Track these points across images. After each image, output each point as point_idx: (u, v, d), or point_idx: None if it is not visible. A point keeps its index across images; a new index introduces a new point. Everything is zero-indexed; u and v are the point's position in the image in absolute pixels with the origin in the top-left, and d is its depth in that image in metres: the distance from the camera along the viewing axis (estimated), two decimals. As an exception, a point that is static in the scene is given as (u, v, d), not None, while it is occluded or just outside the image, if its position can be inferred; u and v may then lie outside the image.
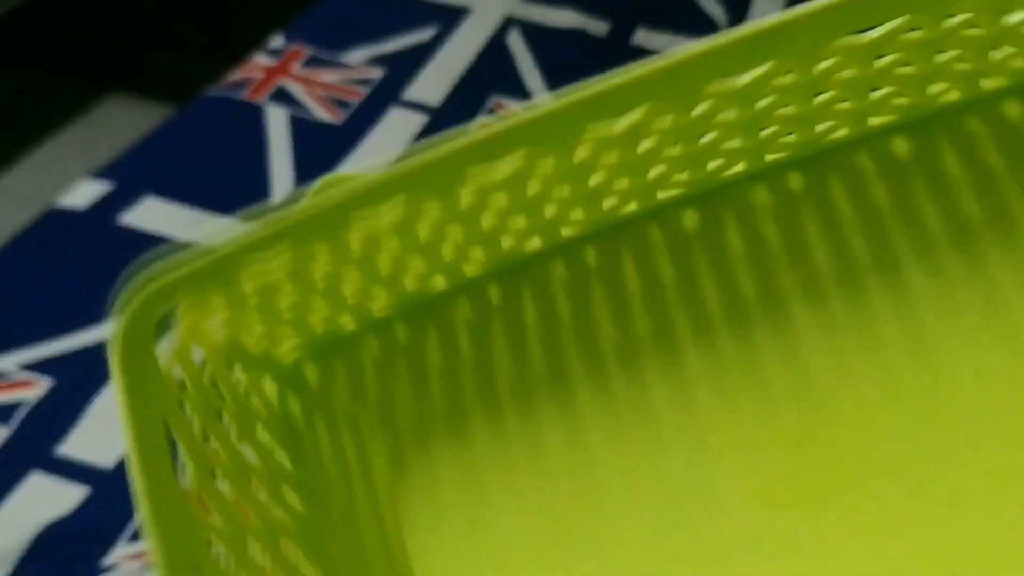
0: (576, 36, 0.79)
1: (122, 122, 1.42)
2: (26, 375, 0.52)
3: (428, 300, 0.36)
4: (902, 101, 0.33)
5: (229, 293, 0.31)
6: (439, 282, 0.36)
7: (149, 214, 0.62)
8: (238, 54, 0.86)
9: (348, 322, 0.36)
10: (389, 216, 0.31)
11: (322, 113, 0.73)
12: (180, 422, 0.28)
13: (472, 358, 0.35)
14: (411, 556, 0.32)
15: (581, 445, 0.33)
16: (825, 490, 0.30)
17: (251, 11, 1.34)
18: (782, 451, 0.31)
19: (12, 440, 0.49)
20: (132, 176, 0.65)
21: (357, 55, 0.79)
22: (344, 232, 0.31)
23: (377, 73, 0.77)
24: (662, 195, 0.35)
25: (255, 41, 0.82)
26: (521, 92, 0.73)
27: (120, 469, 0.48)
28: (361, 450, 0.34)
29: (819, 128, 0.33)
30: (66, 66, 1.49)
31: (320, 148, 0.69)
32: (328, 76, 0.77)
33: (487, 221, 0.33)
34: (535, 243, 0.35)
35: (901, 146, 0.33)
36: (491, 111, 0.71)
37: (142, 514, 0.25)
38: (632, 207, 0.35)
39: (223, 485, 0.29)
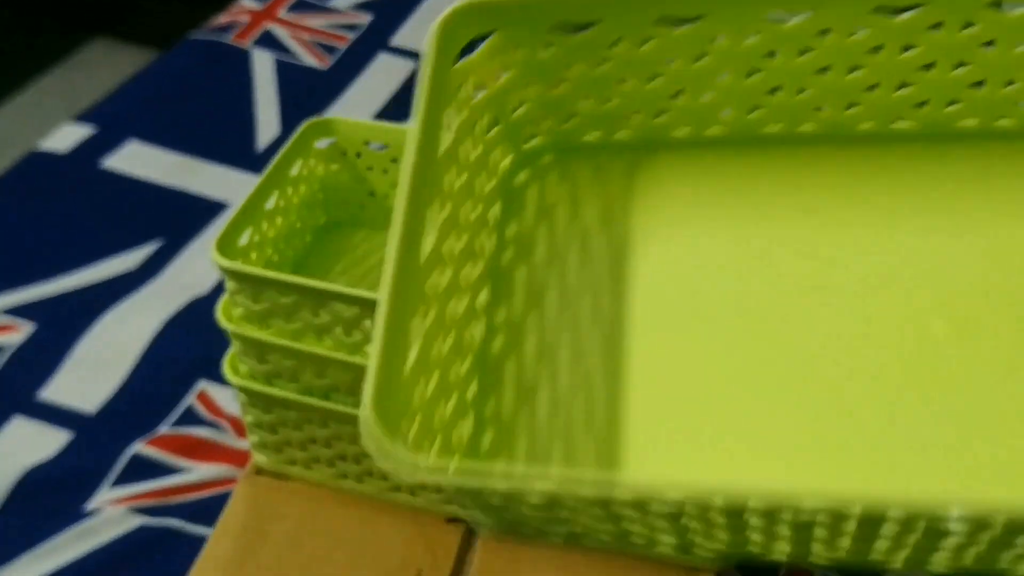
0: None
1: (105, 65, 1.41)
2: (7, 319, 0.51)
3: (670, 141, 0.42)
4: None
5: (532, 42, 0.38)
6: (683, 131, 0.42)
7: (132, 158, 0.61)
8: (223, -3, 0.85)
9: (593, 135, 0.42)
10: (683, 31, 0.38)
11: (308, 58, 0.72)
12: (455, 111, 0.36)
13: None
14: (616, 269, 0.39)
15: None
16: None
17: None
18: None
19: (-6, 384, 0.49)
20: (115, 120, 0.64)
21: (344, 0, 0.78)
22: (645, 29, 0.38)
23: (364, 18, 0.76)
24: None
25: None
26: (510, 39, 0.72)
27: (103, 414, 0.47)
28: (571, 225, 0.41)
29: None
30: (49, 9, 1.47)
31: (306, 93, 0.68)
32: (314, 21, 0.75)
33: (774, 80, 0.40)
34: (775, 127, 0.42)
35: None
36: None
37: (404, 169, 0.32)
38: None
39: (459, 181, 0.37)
